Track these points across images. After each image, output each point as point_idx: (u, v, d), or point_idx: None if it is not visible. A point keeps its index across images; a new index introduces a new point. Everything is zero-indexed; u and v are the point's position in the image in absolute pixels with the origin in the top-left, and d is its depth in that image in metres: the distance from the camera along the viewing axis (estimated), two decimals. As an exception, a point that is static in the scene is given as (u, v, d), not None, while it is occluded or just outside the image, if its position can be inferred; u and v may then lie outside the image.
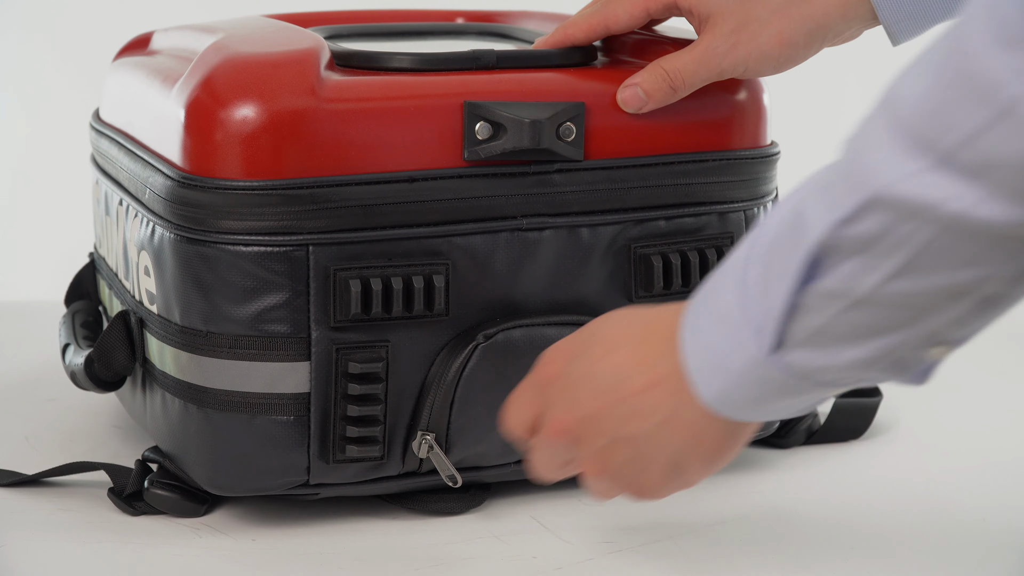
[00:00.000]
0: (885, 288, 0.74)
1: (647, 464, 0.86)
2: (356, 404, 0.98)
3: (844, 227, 0.74)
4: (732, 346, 0.80)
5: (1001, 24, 0.68)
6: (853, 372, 0.78)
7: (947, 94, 0.70)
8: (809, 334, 0.77)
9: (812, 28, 1.00)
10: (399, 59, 1.02)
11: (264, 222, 0.96)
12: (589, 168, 1.02)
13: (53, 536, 1.01)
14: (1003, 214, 0.70)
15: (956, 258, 0.72)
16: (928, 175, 0.71)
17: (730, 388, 0.81)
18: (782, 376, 0.79)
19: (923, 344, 0.77)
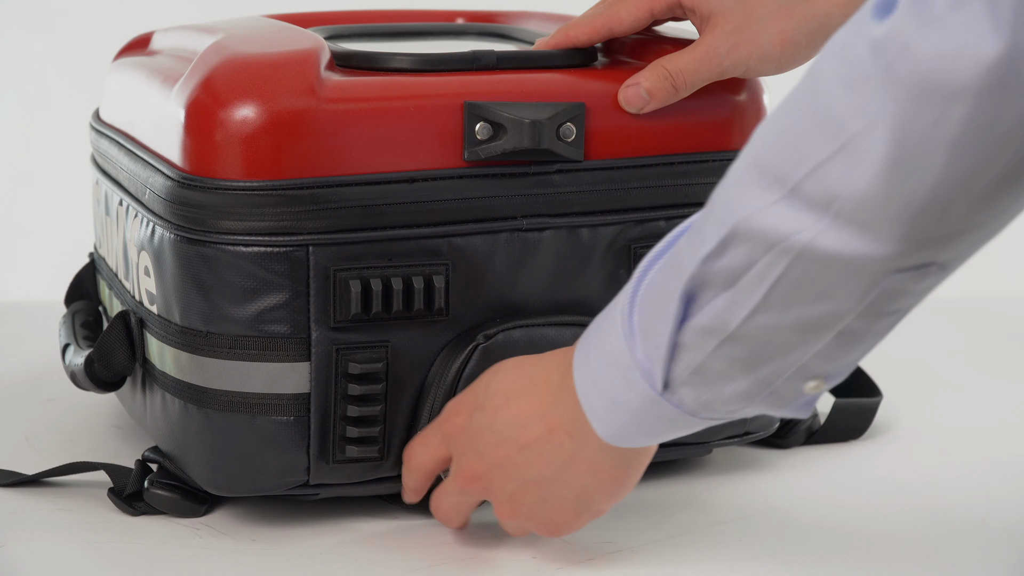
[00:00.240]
0: (752, 322, 0.78)
1: (555, 503, 0.93)
2: (356, 404, 0.98)
3: (711, 261, 0.79)
4: (625, 387, 0.85)
5: (849, 65, 0.72)
6: (737, 404, 0.83)
7: (799, 130, 0.74)
8: (691, 372, 0.82)
9: (814, 28, 1.00)
10: (399, 59, 1.02)
11: (264, 222, 0.96)
12: (589, 168, 1.02)
13: (53, 536, 1.01)
14: (845, 245, 0.74)
15: (810, 291, 0.76)
16: (779, 207, 0.75)
17: (625, 424, 0.87)
18: (675, 411, 0.84)
19: (796, 378, 0.81)
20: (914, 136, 0.71)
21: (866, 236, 0.74)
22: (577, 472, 0.92)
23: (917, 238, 0.74)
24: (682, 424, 0.86)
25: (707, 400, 0.83)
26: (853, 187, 0.73)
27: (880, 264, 0.75)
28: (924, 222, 0.73)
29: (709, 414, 0.85)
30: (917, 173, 0.72)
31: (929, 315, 1.57)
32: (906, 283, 0.76)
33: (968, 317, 1.55)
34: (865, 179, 0.73)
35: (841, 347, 0.80)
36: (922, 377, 1.36)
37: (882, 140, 0.72)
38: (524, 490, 0.94)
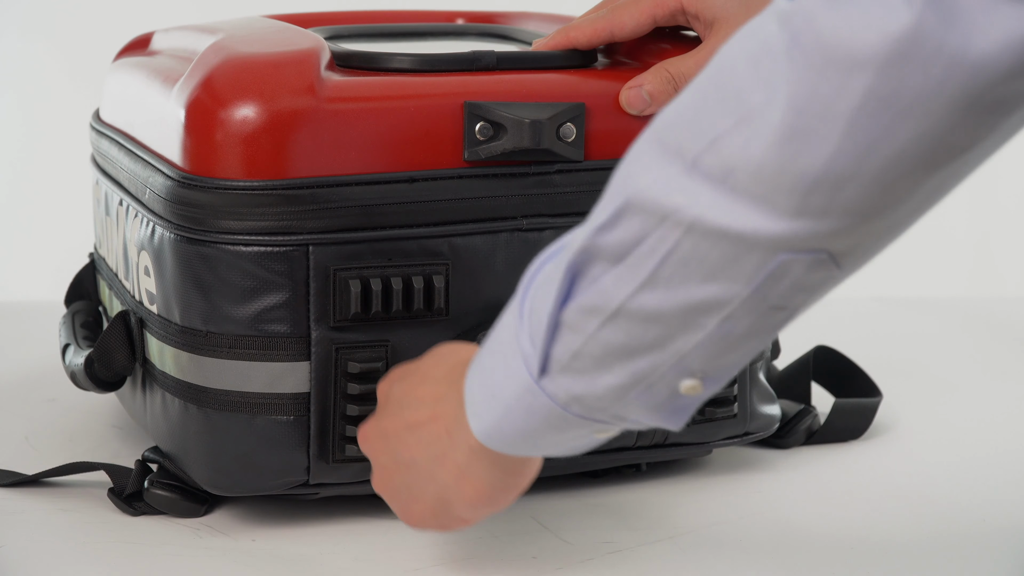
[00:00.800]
0: (635, 300, 0.76)
1: (417, 493, 0.91)
2: (356, 404, 0.98)
3: (602, 234, 0.77)
4: (504, 375, 0.83)
5: (755, 41, 0.72)
6: (609, 401, 0.80)
7: (701, 105, 0.74)
8: (570, 357, 0.80)
9: None
10: (399, 60, 1.02)
11: (264, 222, 0.96)
12: (589, 169, 1.02)
13: (53, 536, 1.01)
14: (736, 219, 0.73)
15: (698, 269, 0.75)
16: (676, 179, 0.74)
17: (499, 419, 0.84)
18: (547, 404, 0.82)
19: (673, 373, 0.79)
20: (812, 105, 0.70)
21: (758, 209, 0.72)
22: (443, 471, 0.89)
23: (809, 214, 0.72)
24: (550, 423, 0.82)
25: (580, 394, 0.80)
26: (748, 158, 0.72)
27: (770, 241, 0.73)
28: (817, 197, 0.72)
29: (580, 410, 0.81)
30: (812, 143, 0.71)
31: (929, 315, 1.57)
32: (796, 270, 0.74)
33: (968, 317, 1.55)
34: (760, 149, 0.72)
35: (723, 341, 0.77)
36: (922, 377, 1.36)
37: (780, 109, 0.71)
38: (395, 468, 0.91)
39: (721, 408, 1.07)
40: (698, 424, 1.07)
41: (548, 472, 1.07)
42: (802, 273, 0.74)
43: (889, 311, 1.61)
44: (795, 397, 1.21)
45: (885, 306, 1.63)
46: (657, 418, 0.81)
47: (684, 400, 0.80)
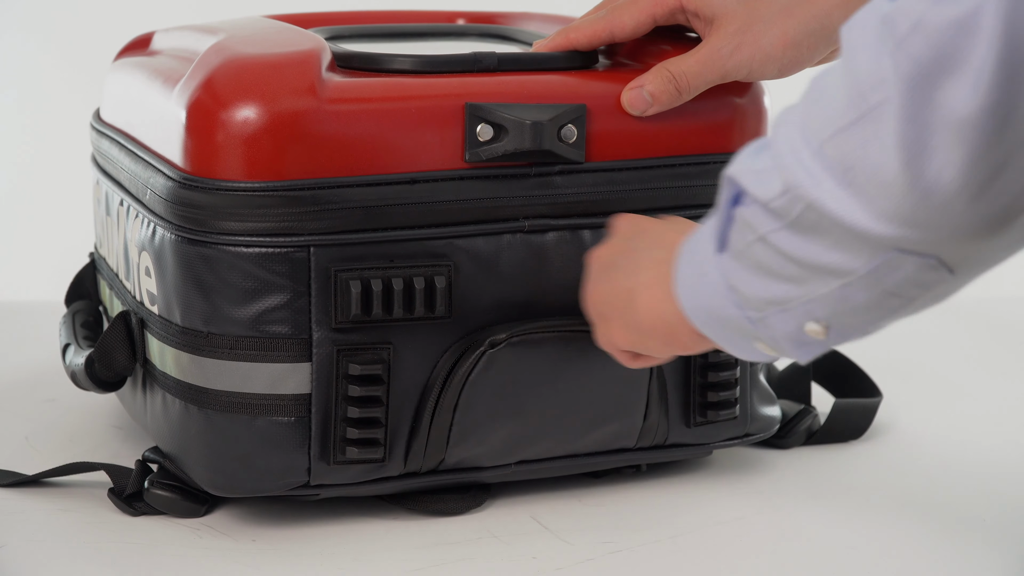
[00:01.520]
0: (775, 236, 0.80)
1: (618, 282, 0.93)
2: (357, 406, 0.98)
3: (752, 174, 0.80)
4: (702, 240, 0.86)
5: (872, 35, 0.73)
6: (756, 307, 0.83)
7: (835, 88, 0.75)
8: (739, 248, 0.83)
9: (816, 29, 1.00)
10: (400, 61, 1.02)
11: (265, 223, 0.96)
12: (590, 170, 1.02)
13: (53, 536, 1.01)
14: (849, 213, 0.75)
15: (823, 237, 0.77)
16: (805, 157, 0.76)
17: (689, 280, 0.87)
18: (718, 280, 0.84)
19: (801, 312, 0.82)
20: (920, 116, 0.72)
21: (870, 207, 0.75)
22: (643, 271, 0.92)
23: (917, 222, 0.74)
24: (719, 305, 0.85)
25: (736, 284, 0.84)
26: (865, 158, 0.74)
27: (880, 239, 0.75)
28: (925, 208, 0.73)
29: (737, 299, 0.84)
30: (923, 155, 0.72)
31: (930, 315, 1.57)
32: (909, 267, 0.77)
33: (969, 317, 1.55)
34: (876, 152, 0.73)
35: (844, 303, 0.80)
36: (922, 377, 1.36)
37: (894, 116, 0.72)
38: (613, 241, 0.96)
39: (722, 410, 1.07)
40: (699, 426, 1.07)
41: (549, 473, 1.07)
42: (913, 271, 0.77)
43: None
44: (795, 397, 1.21)
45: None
46: (787, 343, 0.84)
47: (808, 339, 0.83)
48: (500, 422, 1.01)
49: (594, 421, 1.04)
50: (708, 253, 0.85)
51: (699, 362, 1.06)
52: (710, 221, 0.86)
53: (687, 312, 0.88)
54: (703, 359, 1.05)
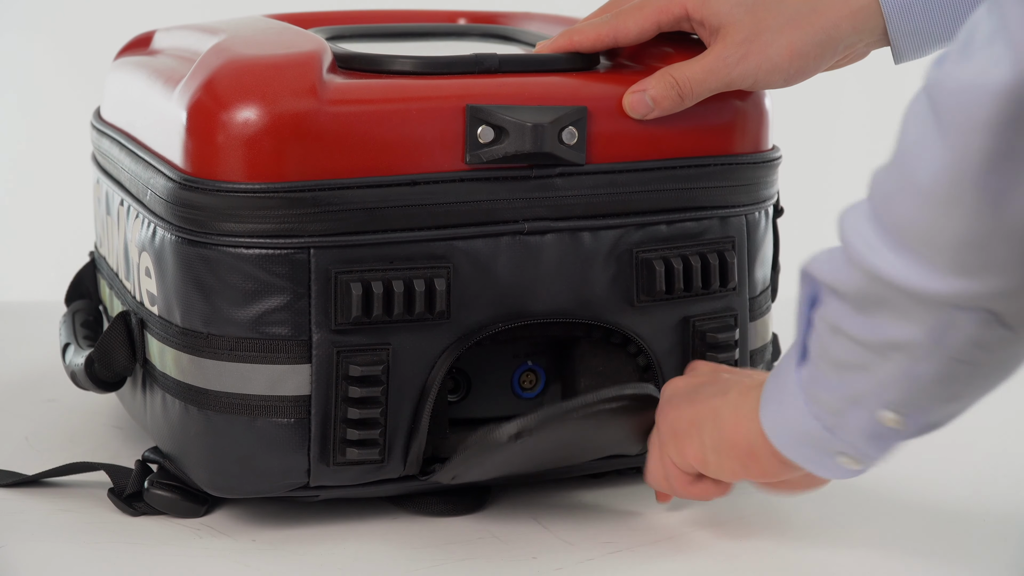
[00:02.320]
0: (847, 322, 0.83)
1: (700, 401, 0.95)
2: (357, 407, 0.98)
3: (820, 260, 0.84)
4: (785, 362, 0.89)
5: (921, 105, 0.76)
6: (833, 411, 0.86)
7: (888, 165, 0.79)
8: (817, 351, 0.85)
9: (823, 40, 1.00)
10: (401, 62, 1.02)
11: (266, 224, 0.96)
12: (591, 172, 1.02)
13: (53, 536, 1.01)
14: (907, 275, 0.78)
15: (885, 308, 0.80)
16: (865, 228, 0.80)
17: (772, 404, 0.89)
18: (796, 392, 0.87)
19: (875, 398, 0.84)
20: (948, 169, 0.75)
21: (923, 267, 0.78)
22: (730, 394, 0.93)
23: (965, 273, 0.77)
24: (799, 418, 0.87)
25: (815, 391, 0.86)
26: (912, 219, 0.77)
27: (934, 298, 0.78)
28: (968, 256, 0.76)
29: (816, 410, 0.86)
30: (953, 206, 0.75)
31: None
32: (966, 326, 0.79)
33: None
34: (919, 211, 0.77)
35: (914, 382, 0.82)
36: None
37: (928, 174, 0.76)
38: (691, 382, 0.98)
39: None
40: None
41: (549, 476, 1.07)
42: (973, 330, 0.79)
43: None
44: (795, 398, 1.21)
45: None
46: (863, 441, 0.86)
47: (883, 430, 0.85)
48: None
49: (601, 451, 1.05)
50: (790, 369, 0.88)
51: (699, 362, 1.06)
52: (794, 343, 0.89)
53: (768, 432, 0.90)
54: (702, 358, 1.05)
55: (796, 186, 1.63)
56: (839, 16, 1.00)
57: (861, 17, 1.00)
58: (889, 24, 1.00)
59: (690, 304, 1.04)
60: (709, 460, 0.95)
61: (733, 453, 0.93)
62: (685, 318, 1.04)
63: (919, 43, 1.01)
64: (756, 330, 1.09)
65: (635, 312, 1.03)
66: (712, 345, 1.05)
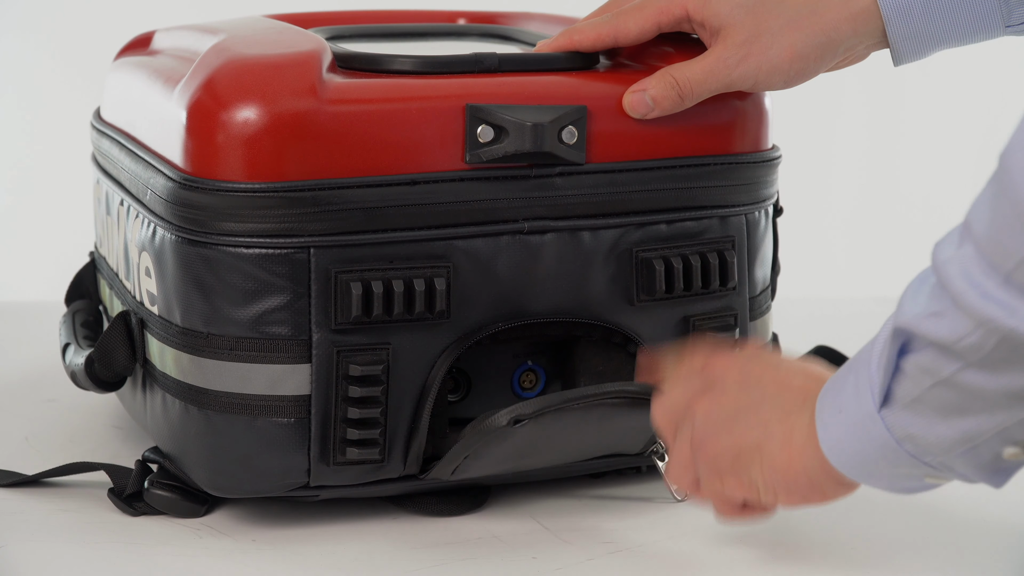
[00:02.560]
0: (962, 376, 0.80)
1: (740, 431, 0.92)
2: (357, 406, 0.98)
3: (931, 320, 0.81)
4: (853, 394, 0.86)
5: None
6: (940, 451, 0.84)
7: (1004, 219, 0.76)
8: (909, 399, 0.83)
9: (823, 42, 1.00)
10: (401, 62, 1.02)
11: (265, 224, 0.96)
12: (591, 172, 1.02)
13: (53, 536, 1.01)
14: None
15: (1018, 364, 0.78)
16: (994, 291, 0.77)
17: (842, 436, 0.87)
18: (884, 435, 0.84)
19: (997, 440, 0.82)
20: None
21: None
22: (776, 425, 0.90)
23: None
24: (887, 456, 0.85)
25: (914, 434, 0.84)
26: None
27: None
28: None
29: (912, 449, 0.84)
30: None
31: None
32: None
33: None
34: None
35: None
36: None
37: None
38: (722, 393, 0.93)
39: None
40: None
41: (548, 475, 1.07)
42: None
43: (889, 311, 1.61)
44: (795, 398, 1.21)
45: (885, 306, 1.62)
46: (981, 475, 0.84)
47: (1007, 464, 0.84)
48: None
49: (601, 448, 1.05)
50: (867, 410, 0.85)
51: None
52: (855, 376, 0.86)
53: (841, 467, 0.88)
54: (703, 359, 1.05)
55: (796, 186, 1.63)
56: (839, 18, 1.00)
57: (861, 20, 1.00)
58: (889, 27, 1.00)
59: (690, 304, 1.04)
60: (761, 494, 0.92)
61: (793, 488, 0.91)
62: (685, 317, 1.04)
63: (919, 46, 1.01)
64: (756, 329, 1.09)
65: (635, 312, 1.03)
66: (712, 345, 1.05)
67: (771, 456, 0.91)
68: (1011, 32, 1.01)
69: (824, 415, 0.88)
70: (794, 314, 1.35)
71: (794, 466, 0.90)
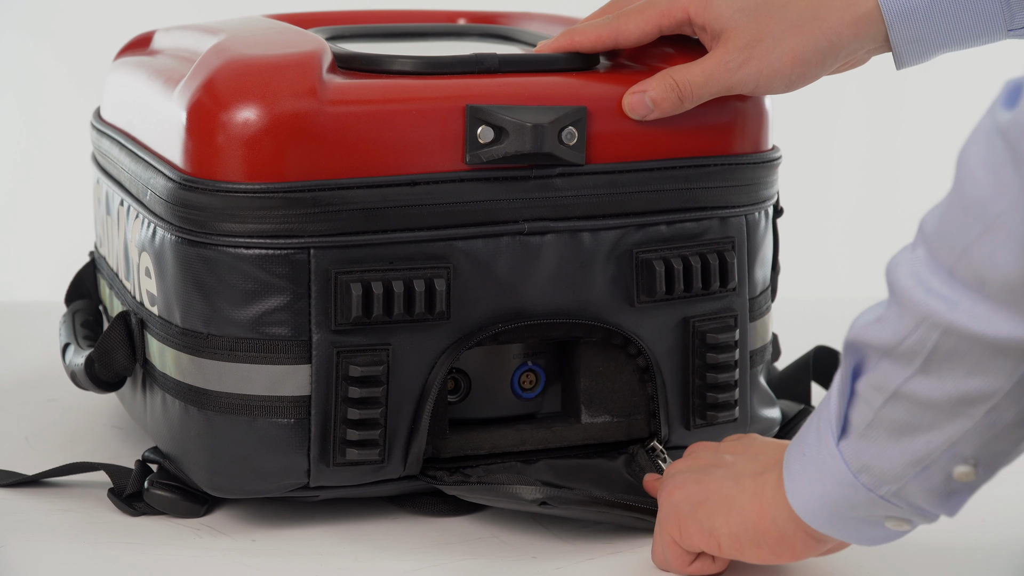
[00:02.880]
0: (909, 385, 0.80)
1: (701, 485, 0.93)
2: (357, 407, 0.98)
3: (874, 327, 0.81)
4: (815, 436, 0.86)
5: (989, 150, 0.75)
6: (893, 478, 0.83)
7: (951, 214, 0.77)
8: (864, 426, 0.83)
9: (825, 47, 1.00)
10: (401, 62, 1.02)
11: (265, 225, 0.96)
12: (591, 172, 1.02)
13: (53, 536, 1.01)
14: (989, 325, 0.76)
15: (960, 364, 0.78)
16: (937, 286, 0.77)
17: (806, 482, 0.86)
18: (842, 468, 0.84)
19: (947, 457, 0.82)
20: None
21: (1009, 316, 0.76)
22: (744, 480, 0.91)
23: None
24: (846, 494, 0.85)
25: (868, 462, 0.83)
26: (995, 266, 0.75)
27: (1021, 346, 0.76)
28: None
29: (868, 481, 0.84)
30: None
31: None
32: None
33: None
34: (1004, 257, 0.75)
35: (991, 429, 0.80)
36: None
37: (1018, 218, 0.74)
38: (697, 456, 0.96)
39: (722, 412, 1.07)
40: (699, 428, 1.07)
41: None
42: None
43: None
44: (795, 397, 1.21)
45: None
46: (934, 502, 0.84)
47: (957, 486, 0.83)
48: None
49: None
50: (826, 446, 0.85)
51: (698, 363, 1.06)
52: (818, 417, 0.86)
53: (804, 516, 0.87)
54: (702, 359, 1.05)
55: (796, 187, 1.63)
56: (841, 23, 1.00)
57: (863, 24, 1.00)
58: (891, 32, 1.00)
59: (690, 304, 1.04)
60: (725, 548, 0.92)
61: (762, 542, 0.90)
62: (685, 319, 1.05)
63: (921, 50, 1.01)
64: (756, 330, 1.09)
65: (635, 312, 1.03)
66: (712, 346, 1.05)
67: (740, 507, 0.91)
68: (1013, 36, 1.01)
69: (791, 463, 0.88)
70: (794, 314, 1.35)
71: (764, 518, 0.90)
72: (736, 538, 0.91)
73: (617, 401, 1.05)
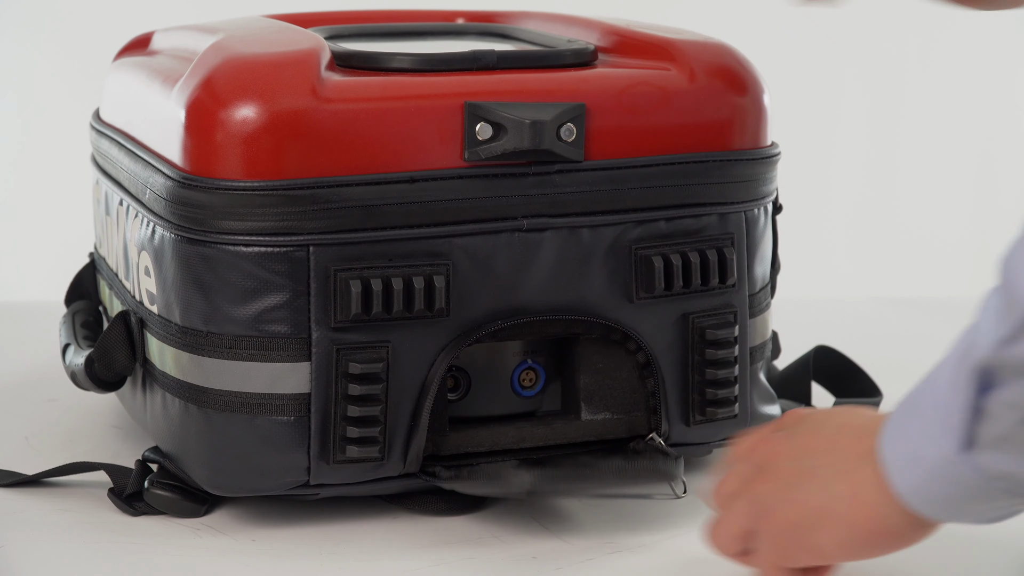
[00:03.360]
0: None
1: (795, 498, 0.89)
2: (356, 404, 0.98)
3: (1008, 346, 0.78)
4: (925, 441, 0.83)
5: None
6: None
7: None
8: (996, 439, 0.80)
9: None
10: (400, 59, 1.02)
11: (265, 222, 0.96)
12: (590, 169, 1.02)
13: (53, 536, 1.01)
14: None
15: None
16: None
17: (922, 483, 0.83)
18: (973, 477, 0.82)
19: None
20: None
21: None
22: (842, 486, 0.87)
23: None
24: (976, 493, 0.82)
25: (1009, 471, 0.81)
26: None
27: None
28: None
29: (1006, 486, 0.82)
30: None
31: (929, 315, 1.57)
32: None
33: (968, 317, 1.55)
34: None
35: None
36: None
37: None
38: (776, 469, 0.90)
39: (722, 408, 1.07)
40: (698, 424, 1.07)
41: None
42: None
43: (889, 311, 1.61)
44: (795, 397, 1.21)
45: (885, 306, 1.63)
46: None
47: None
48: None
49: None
50: (947, 454, 0.82)
51: (697, 360, 1.06)
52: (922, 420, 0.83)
53: (931, 513, 0.85)
54: (701, 356, 1.05)
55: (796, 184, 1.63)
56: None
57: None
58: None
59: (689, 301, 1.04)
60: (837, 558, 0.89)
61: (874, 541, 0.88)
62: (684, 315, 1.04)
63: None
64: (756, 327, 1.09)
65: (634, 309, 1.03)
66: (711, 342, 1.05)
67: (842, 516, 0.87)
68: None
69: (897, 465, 0.85)
70: (794, 314, 1.35)
71: (871, 520, 0.87)
72: (845, 547, 0.88)
73: (617, 398, 1.05)
